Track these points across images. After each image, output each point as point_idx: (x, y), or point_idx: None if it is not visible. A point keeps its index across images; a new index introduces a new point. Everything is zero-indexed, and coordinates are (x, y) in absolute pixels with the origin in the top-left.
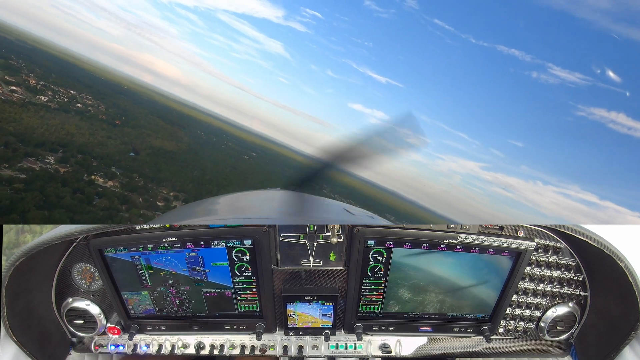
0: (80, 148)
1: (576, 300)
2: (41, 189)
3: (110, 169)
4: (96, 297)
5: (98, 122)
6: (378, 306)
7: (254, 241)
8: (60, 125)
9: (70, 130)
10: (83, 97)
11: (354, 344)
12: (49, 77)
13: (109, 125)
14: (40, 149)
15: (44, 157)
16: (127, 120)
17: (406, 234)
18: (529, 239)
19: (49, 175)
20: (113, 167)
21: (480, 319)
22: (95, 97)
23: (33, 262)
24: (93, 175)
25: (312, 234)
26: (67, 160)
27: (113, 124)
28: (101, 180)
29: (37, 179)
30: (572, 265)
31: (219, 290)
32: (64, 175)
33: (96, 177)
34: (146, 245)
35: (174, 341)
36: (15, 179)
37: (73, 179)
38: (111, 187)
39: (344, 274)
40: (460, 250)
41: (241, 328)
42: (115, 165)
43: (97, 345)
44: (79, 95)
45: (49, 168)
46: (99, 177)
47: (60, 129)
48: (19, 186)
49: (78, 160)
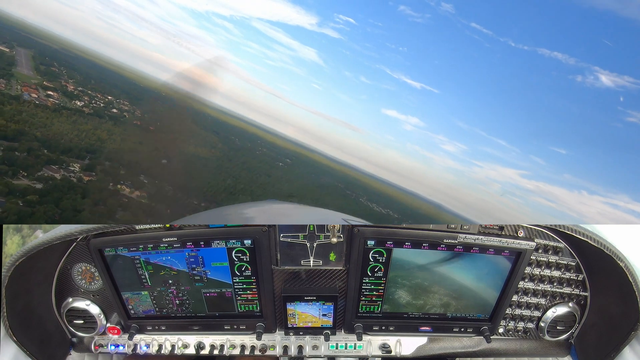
0: (109, 155)
1: (576, 300)
2: (57, 201)
3: (138, 178)
4: (96, 297)
5: (132, 127)
6: (378, 306)
7: (254, 241)
8: (92, 130)
9: (101, 136)
10: (120, 102)
11: (354, 344)
12: (87, 83)
13: (143, 130)
14: (66, 156)
15: (68, 165)
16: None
17: (406, 233)
18: (529, 239)
19: (69, 185)
20: (142, 176)
21: (480, 319)
22: (132, 103)
23: (33, 262)
24: (119, 185)
25: (312, 234)
26: (93, 168)
27: (147, 129)
28: (127, 190)
29: (54, 189)
30: (572, 265)
31: (219, 290)
32: (86, 185)
33: (122, 186)
34: (146, 245)
35: (174, 341)
36: (30, 189)
37: (96, 189)
38: (137, 198)
39: (344, 274)
40: (460, 250)
41: (241, 328)
42: (144, 173)
43: (97, 345)
44: (115, 101)
45: (72, 176)
46: (125, 187)
47: (91, 135)
48: (32, 198)
49: (105, 168)
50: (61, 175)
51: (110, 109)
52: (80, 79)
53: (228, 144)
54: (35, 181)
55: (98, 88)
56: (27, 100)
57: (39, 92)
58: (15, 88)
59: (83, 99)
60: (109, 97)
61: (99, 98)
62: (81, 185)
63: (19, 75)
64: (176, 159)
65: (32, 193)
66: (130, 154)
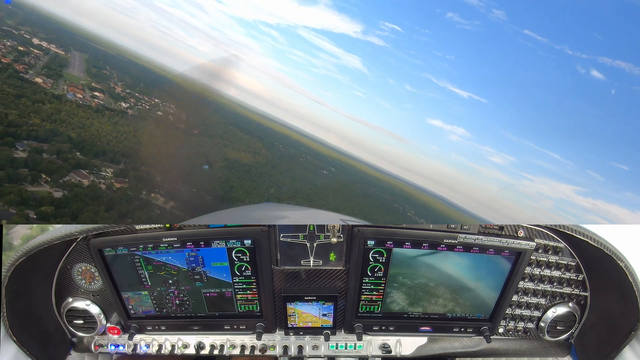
0: (147, 159)
1: (576, 300)
2: (74, 215)
3: (175, 185)
4: (96, 297)
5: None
6: (378, 306)
7: (254, 241)
8: (132, 133)
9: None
10: (166, 105)
11: (354, 344)
12: (136, 86)
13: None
14: (99, 159)
15: (100, 169)
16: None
17: (406, 234)
18: (529, 239)
19: (94, 194)
20: (179, 183)
21: (480, 319)
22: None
23: (33, 262)
24: (154, 193)
25: (312, 234)
26: (127, 174)
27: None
28: (161, 199)
29: (76, 199)
30: (572, 265)
31: (219, 290)
32: (116, 193)
33: (157, 195)
34: (146, 245)
35: (174, 341)
36: (47, 199)
37: (125, 198)
38: (170, 210)
39: (344, 274)
40: (460, 250)
41: (241, 328)
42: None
43: (97, 345)
44: (162, 104)
45: (102, 182)
46: (159, 196)
47: (131, 137)
48: (47, 210)
49: (140, 174)
50: (90, 181)
51: (155, 111)
52: (129, 82)
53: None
54: (57, 188)
55: (146, 91)
56: (70, 100)
57: (84, 93)
58: (61, 88)
59: (129, 100)
60: (156, 99)
61: (145, 101)
62: (109, 195)
63: (68, 75)
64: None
65: (48, 203)
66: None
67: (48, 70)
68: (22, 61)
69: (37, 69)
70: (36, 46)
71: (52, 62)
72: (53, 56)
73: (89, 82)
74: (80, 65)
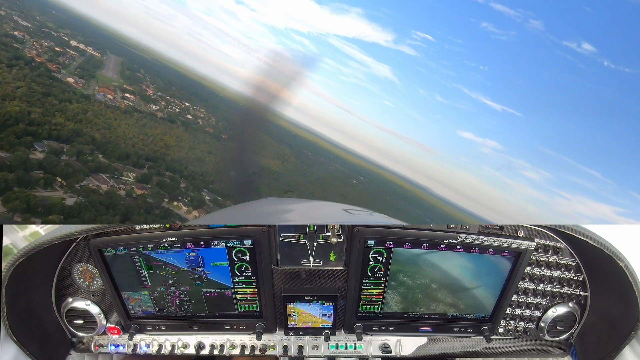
0: (172, 164)
1: (576, 300)
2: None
3: (199, 194)
4: (96, 297)
5: (203, 134)
6: (378, 306)
7: (254, 241)
8: (160, 135)
9: (168, 143)
10: (196, 109)
11: (354, 344)
12: (168, 89)
13: (214, 138)
14: (122, 163)
15: (122, 173)
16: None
17: (406, 234)
18: (529, 239)
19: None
20: (204, 191)
21: (480, 319)
22: (208, 110)
23: (33, 262)
24: (176, 202)
25: (312, 234)
26: (149, 179)
27: (218, 137)
28: (184, 208)
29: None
30: (572, 265)
31: (219, 290)
32: (137, 202)
33: (179, 204)
34: (146, 245)
35: (174, 341)
36: (58, 206)
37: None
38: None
39: (344, 274)
40: (461, 250)
41: (241, 328)
42: (207, 188)
43: (97, 345)
44: (192, 108)
45: (122, 188)
46: (182, 205)
47: (158, 140)
48: (54, 218)
49: (163, 180)
50: (109, 186)
51: (184, 115)
52: (161, 85)
53: (301, 158)
54: (71, 194)
55: (177, 94)
56: (99, 100)
57: (115, 94)
58: (92, 88)
59: (159, 103)
60: (186, 103)
61: (176, 104)
62: (125, 205)
63: (101, 77)
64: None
65: (57, 212)
66: (196, 164)
67: (81, 70)
68: (56, 61)
69: (70, 69)
70: (73, 47)
71: (86, 63)
72: (88, 58)
73: (121, 83)
74: (114, 67)
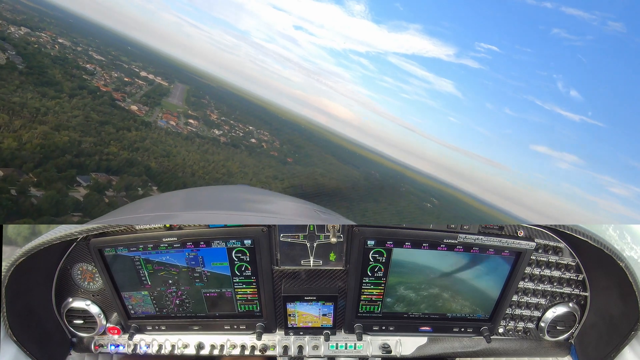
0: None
1: (576, 300)
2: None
3: None
4: (96, 297)
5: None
6: (378, 306)
7: (254, 241)
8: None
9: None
10: (260, 132)
11: (354, 344)
12: (231, 114)
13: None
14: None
15: None
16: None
17: (406, 233)
18: (529, 239)
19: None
20: None
21: (480, 319)
22: (272, 134)
23: (33, 262)
24: None
25: (312, 234)
26: None
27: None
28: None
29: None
30: (572, 265)
31: (219, 290)
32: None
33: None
34: (146, 245)
35: (174, 341)
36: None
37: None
38: None
39: (344, 274)
40: (461, 250)
41: (241, 328)
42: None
43: (97, 345)
44: (256, 131)
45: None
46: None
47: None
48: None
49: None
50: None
51: (248, 139)
52: (225, 110)
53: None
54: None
55: (240, 119)
56: (160, 127)
57: (178, 120)
58: (155, 115)
59: (223, 128)
60: (250, 127)
61: (240, 128)
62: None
63: (166, 104)
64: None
65: None
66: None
67: (147, 98)
68: (122, 90)
69: (135, 97)
70: (142, 78)
71: (153, 91)
72: (156, 86)
73: (185, 109)
74: (180, 94)
